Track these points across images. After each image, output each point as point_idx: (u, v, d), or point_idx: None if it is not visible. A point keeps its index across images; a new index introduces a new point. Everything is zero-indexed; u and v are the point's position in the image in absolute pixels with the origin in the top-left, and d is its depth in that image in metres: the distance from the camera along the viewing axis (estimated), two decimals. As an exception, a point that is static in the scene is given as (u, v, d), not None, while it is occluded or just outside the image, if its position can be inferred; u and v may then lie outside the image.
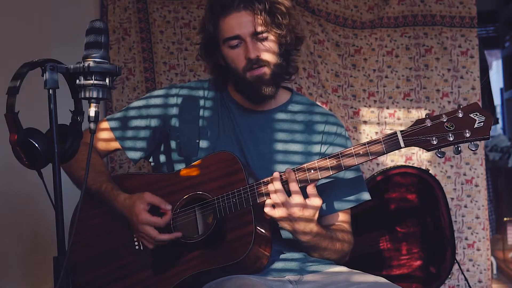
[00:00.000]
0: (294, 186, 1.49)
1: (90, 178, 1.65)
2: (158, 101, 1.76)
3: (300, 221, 1.51)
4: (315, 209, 1.51)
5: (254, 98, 1.69)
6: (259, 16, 1.62)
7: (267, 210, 1.51)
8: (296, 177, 1.50)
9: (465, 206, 2.66)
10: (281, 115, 1.75)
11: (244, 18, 1.63)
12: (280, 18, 1.65)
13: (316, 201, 1.51)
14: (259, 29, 1.63)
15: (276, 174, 1.51)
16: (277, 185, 1.50)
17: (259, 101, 1.70)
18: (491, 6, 5.44)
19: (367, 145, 1.46)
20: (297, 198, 1.49)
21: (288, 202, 1.49)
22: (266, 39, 1.65)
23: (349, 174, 1.71)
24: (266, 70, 1.64)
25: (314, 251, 1.63)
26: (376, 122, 2.71)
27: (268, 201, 1.52)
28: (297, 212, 1.49)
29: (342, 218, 1.71)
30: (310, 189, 1.51)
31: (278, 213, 1.50)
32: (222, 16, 1.65)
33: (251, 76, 1.64)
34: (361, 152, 1.47)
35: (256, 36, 1.63)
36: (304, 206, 1.49)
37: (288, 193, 1.50)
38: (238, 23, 1.63)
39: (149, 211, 1.57)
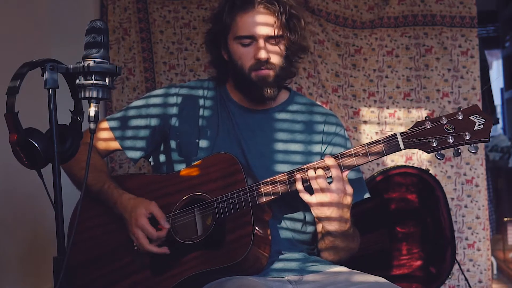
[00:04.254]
0: (337, 172, 1.48)
1: (91, 177, 1.65)
2: (157, 100, 1.76)
3: (339, 208, 1.50)
4: (351, 195, 1.50)
5: (255, 98, 1.69)
6: (278, 20, 1.63)
7: (304, 196, 1.49)
8: (339, 162, 1.48)
9: (465, 206, 2.66)
10: (280, 115, 1.75)
11: (263, 19, 1.63)
12: (296, 25, 1.67)
13: (349, 189, 1.50)
14: (276, 33, 1.63)
15: (330, 160, 1.48)
16: (318, 171, 1.48)
17: (259, 101, 1.70)
18: (491, 6, 5.44)
19: (366, 147, 1.46)
20: (338, 184, 1.47)
21: (328, 188, 1.47)
22: (278, 43, 1.65)
23: (349, 175, 1.70)
24: (271, 72, 1.64)
25: (336, 246, 1.61)
26: (376, 122, 2.71)
27: (300, 187, 1.49)
28: (337, 198, 1.48)
29: None
30: (345, 175, 1.50)
31: (317, 198, 1.48)
32: (241, 11, 1.64)
33: (256, 76, 1.64)
34: (360, 154, 1.47)
35: (270, 39, 1.64)
36: (344, 192, 1.48)
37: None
38: (256, 23, 1.63)
39: (149, 219, 1.57)
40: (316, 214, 1.52)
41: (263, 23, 1.63)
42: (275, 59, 1.65)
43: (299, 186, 1.49)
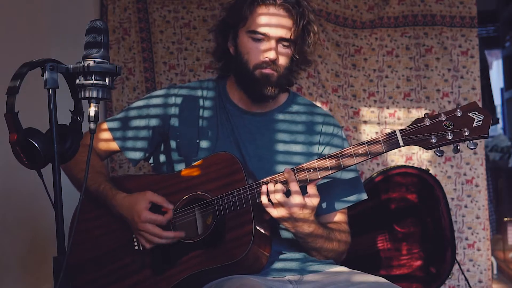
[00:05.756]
0: (294, 186, 1.49)
1: (89, 178, 1.65)
2: (157, 101, 1.76)
3: (300, 221, 1.51)
4: (313, 208, 1.51)
5: (255, 96, 1.69)
6: (295, 25, 1.63)
7: (267, 209, 1.51)
8: (296, 176, 1.50)
9: (466, 206, 2.66)
10: (279, 116, 1.75)
11: (281, 21, 1.63)
12: (309, 36, 1.68)
13: (314, 200, 1.51)
14: (290, 37, 1.64)
15: (288, 174, 1.50)
16: (277, 185, 1.50)
17: (259, 100, 1.70)
18: (492, 6, 5.44)
19: (366, 145, 1.46)
20: (297, 198, 1.49)
21: (287, 202, 1.49)
22: (288, 47, 1.66)
23: (346, 175, 1.71)
24: (274, 73, 1.65)
25: (311, 249, 1.63)
26: (376, 122, 2.71)
27: (266, 200, 1.51)
28: (297, 211, 1.49)
29: (339, 218, 1.72)
30: (310, 188, 1.51)
31: (278, 212, 1.50)
32: (261, 7, 1.64)
33: (260, 73, 1.64)
34: (360, 152, 1.47)
35: (282, 41, 1.64)
36: (304, 206, 1.49)
37: (288, 192, 1.50)
38: (272, 22, 1.63)
39: (150, 210, 1.57)
40: (284, 225, 1.56)
41: (280, 25, 1.63)
42: (282, 62, 1.65)
43: (264, 200, 1.51)
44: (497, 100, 5.84)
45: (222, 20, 1.75)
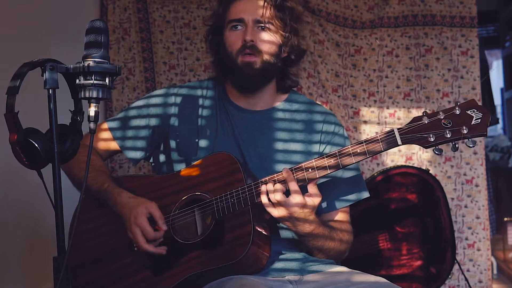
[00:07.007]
0: (293, 185, 1.49)
1: (91, 177, 1.65)
2: (157, 100, 1.76)
3: (300, 220, 1.51)
4: (313, 207, 1.51)
5: (241, 86, 1.69)
6: (267, 6, 1.65)
7: (268, 209, 1.51)
8: (294, 176, 1.50)
9: (466, 206, 2.66)
10: (279, 114, 1.75)
11: (253, 4, 1.66)
12: (287, 15, 1.68)
13: (315, 199, 1.51)
14: (263, 18, 1.65)
15: (286, 173, 1.50)
16: (277, 185, 1.50)
17: (245, 90, 1.70)
18: (492, 6, 5.44)
19: (364, 144, 1.46)
20: (297, 197, 1.48)
21: (287, 202, 1.48)
22: (267, 29, 1.66)
23: (348, 173, 1.71)
24: (258, 60, 1.64)
25: (312, 248, 1.63)
26: (376, 122, 2.71)
27: (267, 200, 1.51)
28: (297, 211, 1.49)
29: (341, 217, 1.71)
30: (311, 187, 1.51)
31: (278, 212, 1.50)
32: (234, 0, 1.68)
33: (242, 61, 1.64)
34: (358, 151, 1.46)
35: (258, 23, 1.66)
36: (304, 205, 1.49)
37: (288, 192, 1.50)
38: (245, 8, 1.66)
39: (148, 219, 1.58)
40: (285, 224, 1.56)
41: (253, 8, 1.66)
42: (262, 46, 1.65)
43: (264, 199, 1.51)
44: (497, 100, 5.84)
45: (210, 27, 1.77)
